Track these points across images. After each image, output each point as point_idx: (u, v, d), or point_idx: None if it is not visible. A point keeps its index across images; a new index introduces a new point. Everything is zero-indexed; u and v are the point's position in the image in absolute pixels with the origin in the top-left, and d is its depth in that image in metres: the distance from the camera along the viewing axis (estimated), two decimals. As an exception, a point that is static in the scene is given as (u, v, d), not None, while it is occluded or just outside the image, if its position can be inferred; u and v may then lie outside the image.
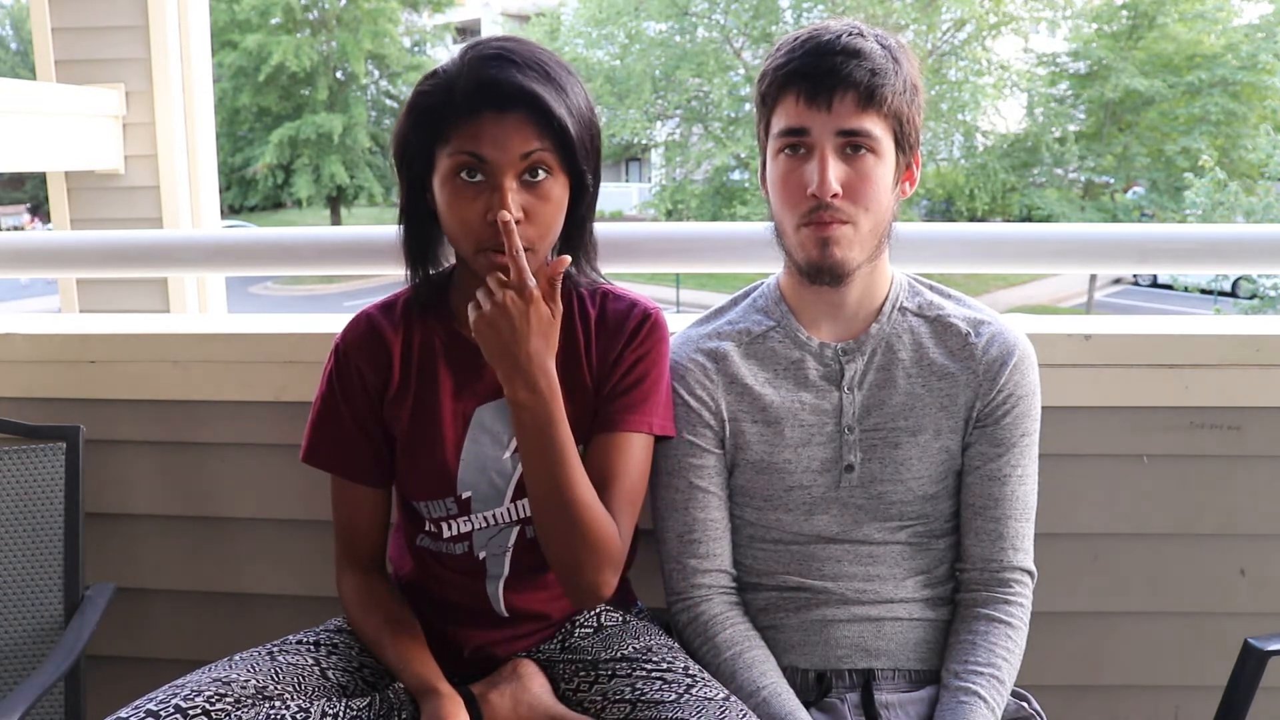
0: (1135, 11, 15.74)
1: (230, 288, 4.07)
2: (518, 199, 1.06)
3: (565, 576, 1.13)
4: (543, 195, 1.09)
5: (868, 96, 1.11)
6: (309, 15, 20.11)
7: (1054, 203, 15.78)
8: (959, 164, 16.76)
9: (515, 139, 1.06)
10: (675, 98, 17.22)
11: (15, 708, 1.25)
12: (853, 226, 1.15)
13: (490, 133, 1.06)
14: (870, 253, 1.19)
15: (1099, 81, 15.72)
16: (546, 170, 1.08)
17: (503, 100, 1.06)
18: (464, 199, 1.07)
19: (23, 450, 1.54)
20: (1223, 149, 14.35)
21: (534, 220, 1.08)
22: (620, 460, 1.16)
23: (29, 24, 4.74)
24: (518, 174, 1.07)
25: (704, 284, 15.74)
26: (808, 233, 1.16)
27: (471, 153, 1.06)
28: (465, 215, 1.07)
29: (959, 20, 16.43)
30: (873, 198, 1.14)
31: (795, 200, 1.15)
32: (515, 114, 1.06)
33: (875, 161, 1.14)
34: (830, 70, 1.11)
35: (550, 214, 1.10)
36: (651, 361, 1.19)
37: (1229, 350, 1.54)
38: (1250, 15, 15.99)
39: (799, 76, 1.13)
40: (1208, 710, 1.29)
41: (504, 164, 1.06)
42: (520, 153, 1.06)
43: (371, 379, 1.20)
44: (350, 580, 1.23)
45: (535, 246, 1.09)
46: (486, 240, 1.07)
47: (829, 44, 1.12)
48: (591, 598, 1.13)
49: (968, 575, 1.25)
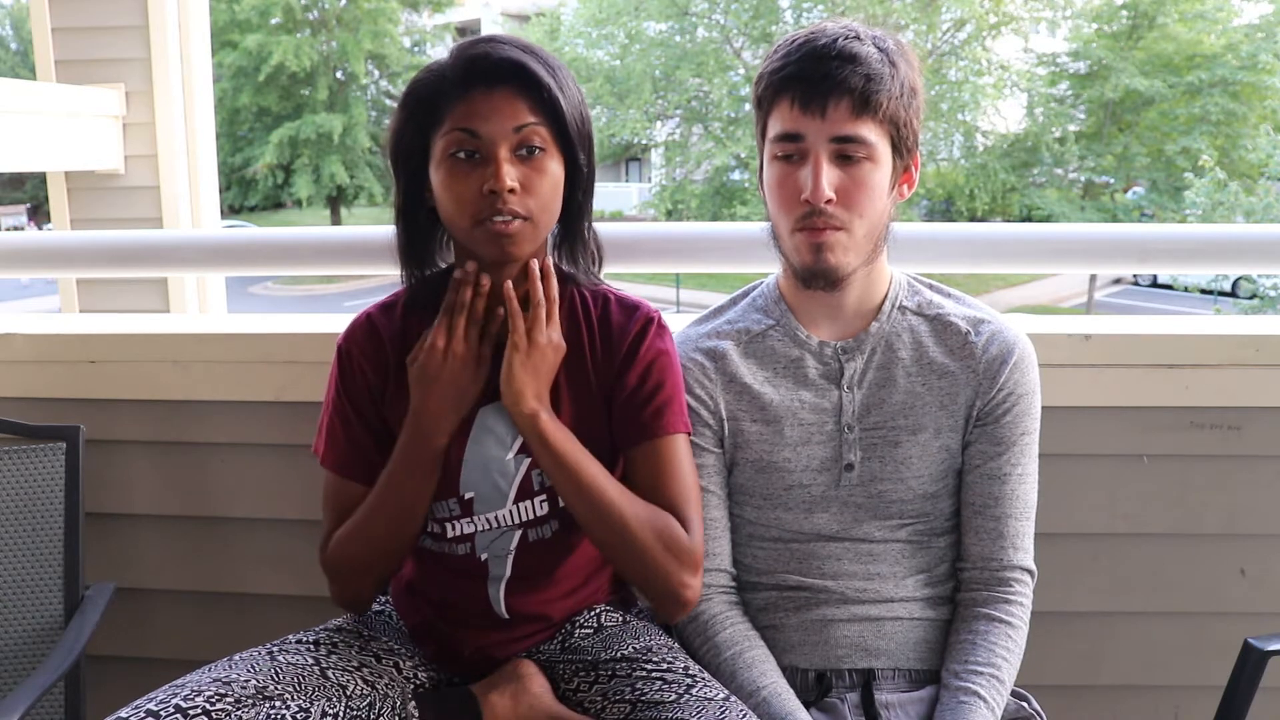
0: (1135, 11, 15.74)
1: (230, 288, 4.06)
2: (513, 171, 1.07)
3: (645, 590, 1.15)
4: (538, 168, 1.09)
5: (862, 103, 1.11)
6: (309, 15, 20.10)
7: (1054, 203, 15.78)
8: (959, 164, 16.76)
9: (507, 111, 1.07)
10: (675, 98, 17.22)
11: (15, 708, 1.25)
12: (847, 233, 1.15)
13: (482, 107, 1.07)
14: (866, 256, 1.19)
15: (1099, 81, 15.72)
16: (541, 146, 1.09)
17: (492, 75, 1.07)
18: (460, 176, 1.08)
19: (23, 450, 1.54)
20: (1223, 149, 14.34)
21: (531, 191, 1.09)
22: (668, 463, 1.16)
23: (29, 24, 4.74)
24: (512, 148, 1.08)
25: (704, 284, 15.74)
26: (802, 238, 1.16)
27: (464, 128, 1.07)
28: (461, 191, 1.08)
29: (959, 20, 16.43)
30: (867, 203, 1.14)
31: (790, 205, 1.16)
32: (505, 88, 1.08)
33: (871, 167, 1.13)
34: (825, 76, 1.11)
35: (547, 188, 1.10)
36: (667, 363, 1.20)
37: (1229, 350, 1.54)
38: (1250, 15, 15.98)
39: (794, 81, 1.13)
40: (1208, 710, 1.28)
41: (497, 137, 1.07)
42: (513, 125, 1.07)
43: (373, 379, 1.20)
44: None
45: (534, 216, 1.09)
46: (483, 212, 1.08)
47: (824, 48, 1.12)
48: (675, 604, 1.14)
49: (968, 574, 1.25)
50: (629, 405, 1.18)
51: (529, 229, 1.09)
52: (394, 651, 1.22)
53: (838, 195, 1.13)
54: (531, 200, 1.09)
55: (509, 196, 1.07)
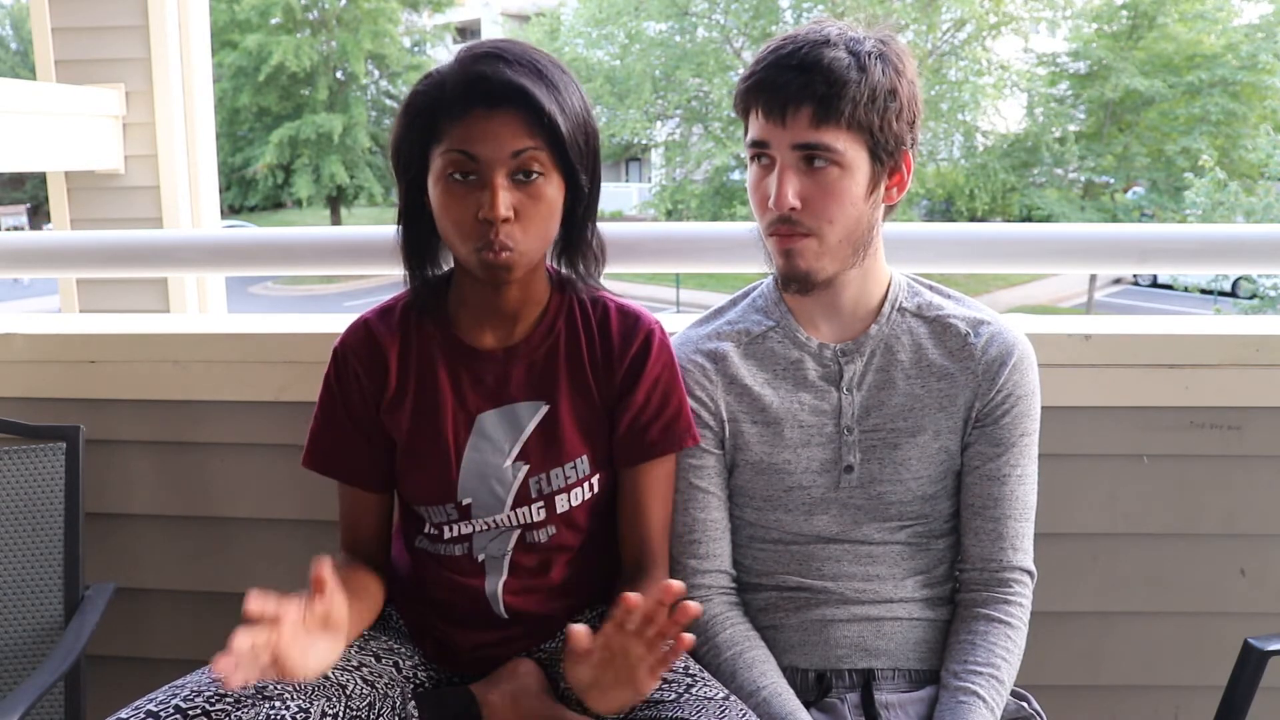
0: (1135, 11, 15.73)
1: (230, 288, 4.06)
2: (509, 197, 1.06)
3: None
4: (535, 195, 1.08)
5: (823, 111, 1.10)
6: (309, 15, 20.10)
7: (1054, 203, 15.78)
8: (959, 164, 16.76)
9: (505, 136, 1.06)
10: (675, 98, 17.22)
11: (15, 708, 1.25)
12: (817, 239, 1.15)
13: (480, 130, 1.06)
14: (845, 261, 1.19)
15: (1099, 81, 15.72)
16: (539, 171, 1.08)
17: (492, 97, 1.06)
18: (456, 198, 1.07)
19: (23, 450, 1.54)
20: (1223, 149, 14.34)
21: (524, 220, 1.08)
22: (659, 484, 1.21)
23: (29, 24, 4.74)
24: (509, 172, 1.06)
25: (704, 284, 15.74)
26: (773, 243, 1.18)
27: (462, 150, 1.06)
28: (458, 215, 1.07)
29: (959, 20, 16.42)
30: (836, 210, 1.14)
31: (761, 209, 1.17)
32: (505, 111, 1.06)
33: (839, 174, 1.12)
34: (784, 85, 1.11)
35: (543, 215, 1.09)
36: (671, 377, 1.20)
37: (1229, 350, 1.54)
38: (1250, 15, 15.98)
39: (758, 90, 1.13)
40: (1208, 710, 1.28)
41: (495, 161, 1.06)
42: (511, 150, 1.06)
43: (368, 385, 1.19)
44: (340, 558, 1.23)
45: (521, 247, 1.08)
46: (477, 240, 1.07)
47: (787, 57, 1.11)
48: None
49: (967, 575, 1.25)
50: (635, 424, 1.18)
51: (521, 259, 1.09)
52: (394, 651, 1.23)
53: (804, 202, 1.13)
54: (523, 234, 1.08)
55: (503, 227, 1.06)
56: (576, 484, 1.19)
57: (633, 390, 1.18)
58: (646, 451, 1.19)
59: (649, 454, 1.19)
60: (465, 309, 1.19)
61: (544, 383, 1.18)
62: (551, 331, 1.19)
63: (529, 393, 1.18)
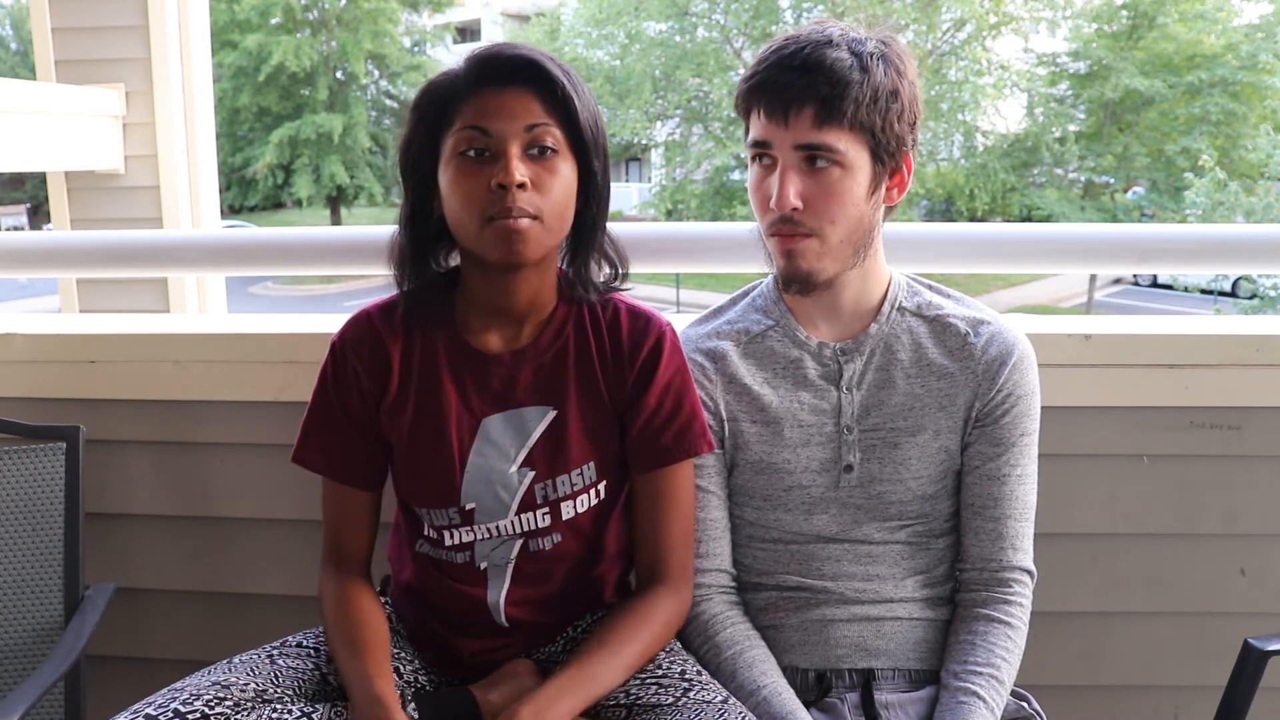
0: (1135, 11, 15.73)
1: (230, 288, 4.06)
2: (524, 167, 1.05)
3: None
4: (550, 169, 1.07)
5: (825, 112, 1.10)
6: (309, 15, 20.10)
7: (1054, 203, 15.78)
8: (959, 164, 16.76)
9: (519, 109, 1.05)
10: (675, 98, 17.21)
11: (15, 708, 1.25)
12: (818, 239, 1.15)
13: (494, 105, 1.06)
14: (845, 261, 1.19)
15: (1099, 81, 15.72)
16: (553, 147, 1.07)
17: (504, 74, 1.06)
18: (469, 173, 1.06)
19: (23, 450, 1.54)
20: (1223, 149, 14.34)
21: (542, 189, 1.06)
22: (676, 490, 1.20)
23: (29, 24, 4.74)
24: (523, 146, 1.06)
25: (704, 284, 15.74)
26: (774, 243, 1.18)
27: (475, 126, 1.05)
28: (470, 188, 1.05)
29: (959, 20, 16.42)
30: (838, 210, 1.14)
31: (763, 210, 1.17)
32: (518, 87, 1.06)
33: (841, 174, 1.13)
34: (787, 86, 1.11)
35: (560, 189, 1.08)
36: (683, 381, 1.19)
37: (1229, 350, 1.54)
38: (1250, 15, 16.00)
39: (760, 90, 1.13)
40: (1208, 710, 1.28)
41: (509, 134, 1.05)
42: (525, 124, 1.05)
43: (368, 383, 1.17)
44: (330, 584, 1.20)
45: (544, 217, 1.06)
46: (492, 208, 1.05)
47: (789, 57, 1.12)
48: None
49: (967, 575, 1.25)
50: (648, 429, 1.17)
51: (539, 230, 1.06)
52: (395, 656, 1.22)
53: (806, 203, 1.13)
54: (542, 199, 1.06)
55: (518, 193, 1.04)
56: (583, 490, 1.18)
57: (644, 394, 1.17)
58: (661, 457, 1.18)
59: (663, 460, 1.18)
60: (472, 311, 1.17)
61: (552, 388, 1.17)
62: (560, 335, 1.17)
63: (536, 397, 1.16)
